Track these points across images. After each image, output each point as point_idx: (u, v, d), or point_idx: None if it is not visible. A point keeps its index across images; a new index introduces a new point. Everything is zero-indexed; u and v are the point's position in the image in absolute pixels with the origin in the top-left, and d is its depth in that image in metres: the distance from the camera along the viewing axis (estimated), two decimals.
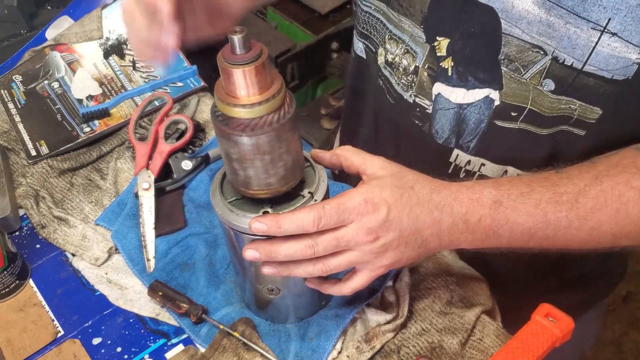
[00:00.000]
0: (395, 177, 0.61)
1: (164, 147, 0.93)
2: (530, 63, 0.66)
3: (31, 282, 0.85)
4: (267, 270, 0.63)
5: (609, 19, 0.59)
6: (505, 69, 0.68)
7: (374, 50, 0.82)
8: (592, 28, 0.61)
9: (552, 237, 0.62)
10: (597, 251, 0.65)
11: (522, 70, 0.67)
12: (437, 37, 0.71)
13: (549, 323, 0.65)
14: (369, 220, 0.58)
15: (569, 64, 0.64)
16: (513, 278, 0.85)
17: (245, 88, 0.53)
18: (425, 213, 0.60)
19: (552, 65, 0.65)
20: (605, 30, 0.60)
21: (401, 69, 0.78)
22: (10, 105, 1.07)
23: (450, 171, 0.79)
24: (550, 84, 0.66)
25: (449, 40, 0.70)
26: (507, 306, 0.79)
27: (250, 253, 0.61)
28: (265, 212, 0.63)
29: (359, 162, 0.63)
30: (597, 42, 0.61)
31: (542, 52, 0.65)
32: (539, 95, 0.67)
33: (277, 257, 0.60)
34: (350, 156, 0.64)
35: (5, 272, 0.81)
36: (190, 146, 0.97)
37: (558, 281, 0.91)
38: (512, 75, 0.68)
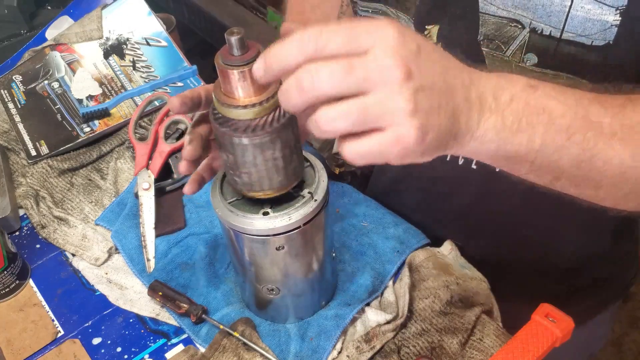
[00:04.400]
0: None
1: (164, 147, 0.93)
2: (510, 39, 0.65)
3: (31, 282, 0.85)
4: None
5: None
6: (486, 49, 0.67)
7: None
8: None
9: (593, 146, 0.50)
10: (631, 204, 0.56)
11: (503, 48, 0.66)
12: (427, 26, 0.71)
13: (549, 323, 0.65)
14: (397, 45, 0.42)
15: (547, 34, 0.62)
16: (521, 284, 0.85)
17: (243, 89, 0.53)
18: (456, 71, 0.47)
19: (532, 37, 0.63)
20: None
21: None
22: (10, 105, 1.07)
23: (448, 158, 0.78)
24: (532, 58, 0.65)
25: (438, 27, 0.70)
26: (507, 306, 0.79)
27: (258, 65, 0.46)
28: (265, 213, 0.63)
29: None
30: (570, 6, 0.60)
31: (519, 26, 0.64)
32: (522, 73, 0.66)
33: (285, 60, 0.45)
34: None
35: (5, 272, 0.81)
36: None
37: (569, 287, 0.90)
38: (495, 54, 0.67)
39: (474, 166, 0.77)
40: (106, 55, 1.14)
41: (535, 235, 0.82)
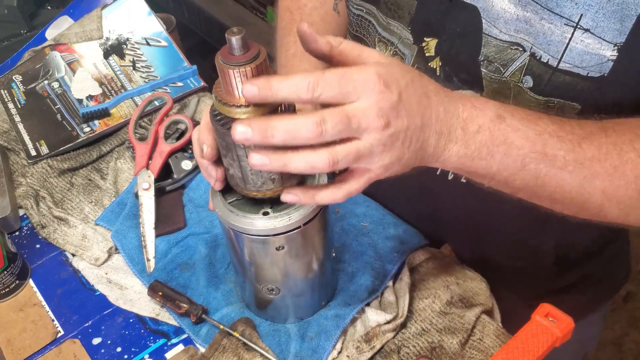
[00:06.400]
0: (402, 64, 0.55)
1: (164, 147, 0.93)
2: (509, 61, 0.66)
3: (31, 282, 0.85)
4: (255, 159, 0.50)
5: (581, 15, 0.59)
6: (485, 70, 0.68)
7: None
8: (565, 24, 0.60)
9: (544, 175, 0.57)
10: (579, 217, 0.62)
11: (502, 70, 0.67)
12: (425, 38, 0.71)
13: (549, 323, 0.65)
14: (380, 99, 0.49)
15: (545, 61, 0.63)
16: (513, 279, 0.85)
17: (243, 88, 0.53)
18: (432, 108, 0.53)
19: (531, 61, 0.64)
20: (578, 26, 0.60)
21: None
22: (10, 105, 1.07)
23: (438, 172, 0.79)
24: (529, 81, 0.66)
25: (437, 41, 0.70)
26: (507, 306, 0.79)
27: (241, 129, 0.49)
28: (265, 213, 0.63)
29: (356, 54, 0.54)
30: (570, 39, 0.60)
31: (520, 49, 0.64)
32: (520, 93, 0.67)
33: (274, 134, 0.49)
34: (344, 48, 0.54)
35: (5, 272, 0.81)
36: (190, 146, 0.97)
37: (560, 283, 0.90)
38: (493, 77, 0.68)
39: (463, 180, 0.78)
40: (106, 55, 1.14)
41: (521, 237, 0.83)
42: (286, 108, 0.56)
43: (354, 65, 0.52)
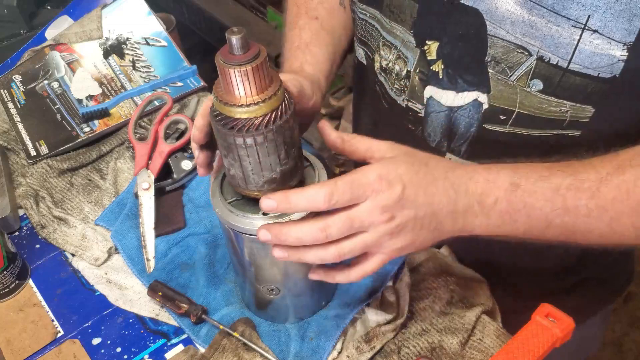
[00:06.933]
0: (407, 155, 0.60)
1: (164, 147, 0.93)
2: (516, 64, 0.66)
3: (31, 282, 0.85)
4: (277, 253, 0.59)
5: (589, 16, 0.59)
6: (492, 71, 0.68)
7: (371, 56, 0.83)
8: (572, 26, 0.60)
9: (572, 226, 0.59)
10: (622, 247, 0.63)
11: (508, 72, 0.67)
12: (427, 41, 0.71)
13: (549, 323, 0.64)
14: (383, 198, 0.56)
15: (555, 63, 0.63)
16: (514, 280, 0.85)
17: (243, 88, 0.53)
18: (441, 192, 0.58)
19: (538, 65, 0.64)
20: (586, 28, 0.60)
21: (394, 75, 0.78)
22: (10, 105, 1.07)
23: None
24: (538, 84, 0.66)
25: (438, 44, 0.70)
26: (507, 306, 0.79)
27: (263, 234, 0.58)
28: (265, 213, 0.63)
29: (365, 147, 0.61)
30: (579, 40, 0.61)
31: (526, 53, 0.65)
32: (526, 97, 0.67)
33: (287, 239, 0.57)
34: (356, 142, 0.61)
35: (5, 272, 0.81)
36: (190, 146, 0.97)
37: (561, 285, 0.90)
38: (499, 78, 0.68)
39: None
40: (106, 55, 1.14)
41: (523, 241, 0.83)
42: (284, 111, 0.56)
43: (363, 161, 0.59)
